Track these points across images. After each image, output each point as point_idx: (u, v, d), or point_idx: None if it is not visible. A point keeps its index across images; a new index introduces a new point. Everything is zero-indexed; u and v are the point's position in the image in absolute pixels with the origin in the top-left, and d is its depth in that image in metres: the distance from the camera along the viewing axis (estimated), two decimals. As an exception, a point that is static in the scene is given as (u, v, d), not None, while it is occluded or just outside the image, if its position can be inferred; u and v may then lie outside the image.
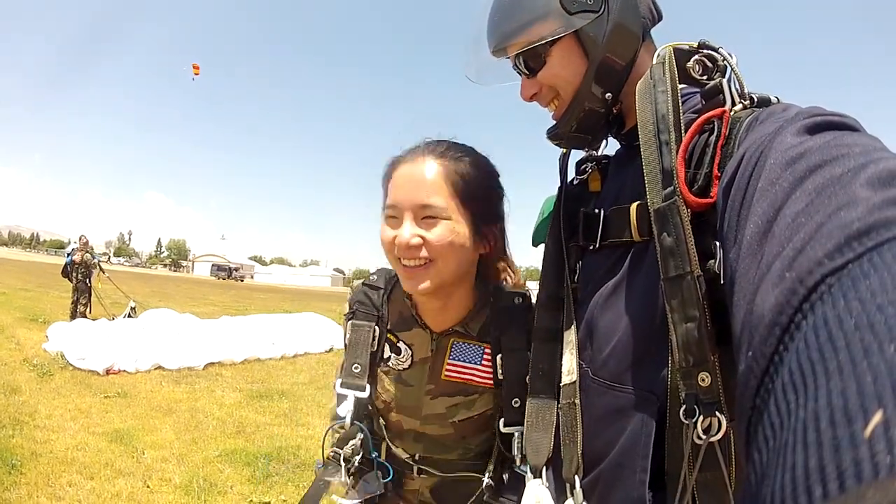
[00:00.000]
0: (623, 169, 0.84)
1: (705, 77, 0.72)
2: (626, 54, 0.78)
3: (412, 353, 1.10)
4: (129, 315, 9.34)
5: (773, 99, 0.66)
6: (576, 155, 0.97)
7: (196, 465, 3.71)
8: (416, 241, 0.93)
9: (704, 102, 0.70)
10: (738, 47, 0.73)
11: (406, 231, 0.93)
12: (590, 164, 0.94)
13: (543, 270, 0.92)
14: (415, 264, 0.95)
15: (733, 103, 0.66)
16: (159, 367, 6.45)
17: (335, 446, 1.10)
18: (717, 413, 0.59)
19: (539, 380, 0.86)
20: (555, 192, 0.97)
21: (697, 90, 0.73)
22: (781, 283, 0.33)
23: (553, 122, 0.86)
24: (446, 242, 0.93)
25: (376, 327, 1.11)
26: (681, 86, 0.70)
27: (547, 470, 0.82)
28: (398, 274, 1.01)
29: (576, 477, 0.74)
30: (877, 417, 0.20)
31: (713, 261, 0.61)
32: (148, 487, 3.29)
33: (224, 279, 63.75)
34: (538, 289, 0.92)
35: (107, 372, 6.02)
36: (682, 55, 0.72)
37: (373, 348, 1.10)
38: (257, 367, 7.23)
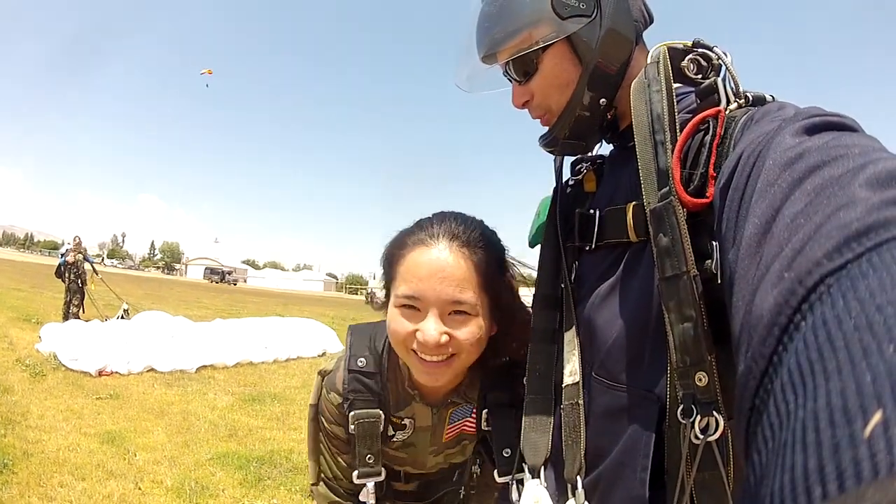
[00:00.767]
0: (618, 169, 0.84)
1: (700, 76, 0.71)
2: (620, 58, 0.77)
3: (414, 423, 1.11)
4: (122, 317, 9.31)
5: (769, 97, 0.66)
6: (571, 155, 0.97)
7: (188, 468, 3.69)
8: (445, 340, 0.88)
9: (699, 102, 0.70)
10: (734, 46, 0.73)
11: (433, 329, 0.87)
12: (585, 165, 0.94)
13: (540, 271, 0.91)
14: (437, 360, 0.90)
15: (728, 102, 0.66)
16: (152, 370, 6.43)
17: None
18: (715, 413, 0.59)
19: (536, 381, 0.86)
20: (550, 193, 0.97)
21: (692, 89, 0.72)
22: (780, 284, 0.33)
23: (546, 129, 0.85)
24: (475, 340, 0.90)
25: (381, 412, 1.06)
26: (676, 85, 0.70)
27: (545, 470, 0.82)
28: (411, 366, 0.96)
29: (578, 477, 0.74)
30: (876, 417, 0.20)
31: (710, 261, 0.61)
32: (139, 489, 3.28)
33: (217, 283, 62.87)
34: (535, 289, 0.92)
35: (99, 373, 6.00)
36: (677, 54, 0.72)
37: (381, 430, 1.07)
38: (250, 371, 7.21)
